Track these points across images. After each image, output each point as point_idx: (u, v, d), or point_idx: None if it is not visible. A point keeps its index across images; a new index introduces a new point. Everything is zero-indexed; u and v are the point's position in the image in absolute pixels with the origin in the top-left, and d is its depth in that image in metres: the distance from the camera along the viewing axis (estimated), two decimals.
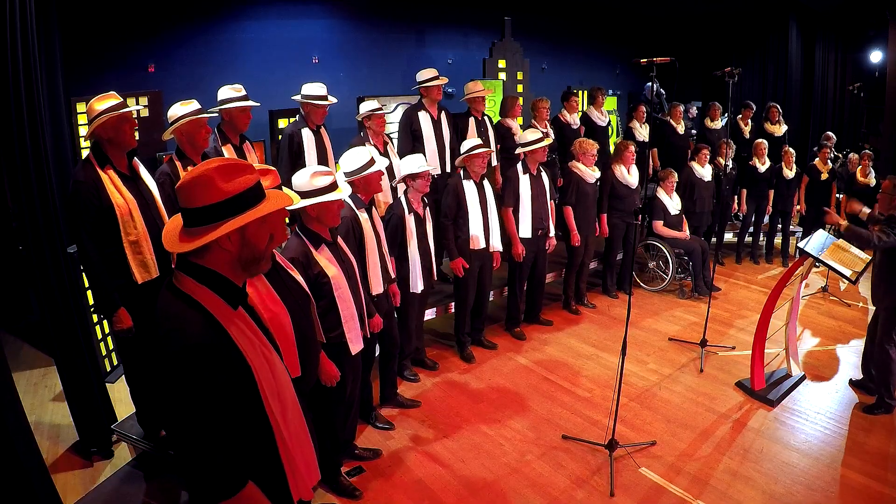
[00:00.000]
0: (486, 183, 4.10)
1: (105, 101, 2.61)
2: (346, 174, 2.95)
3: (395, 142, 4.62)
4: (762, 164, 6.11)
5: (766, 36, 8.83)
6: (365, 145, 3.73)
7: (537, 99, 5.40)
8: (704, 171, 5.72)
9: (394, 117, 5.38)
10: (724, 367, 4.19)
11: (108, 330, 3.99)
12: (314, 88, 3.91)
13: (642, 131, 6.24)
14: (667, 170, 5.50)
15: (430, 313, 4.43)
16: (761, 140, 6.17)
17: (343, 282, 2.57)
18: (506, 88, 6.55)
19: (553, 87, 7.26)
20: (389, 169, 3.89)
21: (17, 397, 2.32)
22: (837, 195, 6.39)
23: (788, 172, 6.11)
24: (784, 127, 6.79)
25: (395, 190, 4.11)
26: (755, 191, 6.18)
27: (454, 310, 4.44)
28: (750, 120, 6.82)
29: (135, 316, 2.74)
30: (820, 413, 3.61)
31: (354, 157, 2.95)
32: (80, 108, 4.23)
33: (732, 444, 3.31)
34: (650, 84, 3.84)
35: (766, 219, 6.44)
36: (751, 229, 6.53)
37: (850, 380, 3.94)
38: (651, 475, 3.05)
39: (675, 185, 5.49)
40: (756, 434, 3.40)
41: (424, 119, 4.52)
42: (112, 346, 4.07)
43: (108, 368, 4.02)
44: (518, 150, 4.41)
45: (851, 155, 6.70)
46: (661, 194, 5.47)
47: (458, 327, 4.34)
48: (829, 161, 6.18)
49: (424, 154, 4.07)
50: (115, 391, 3.61)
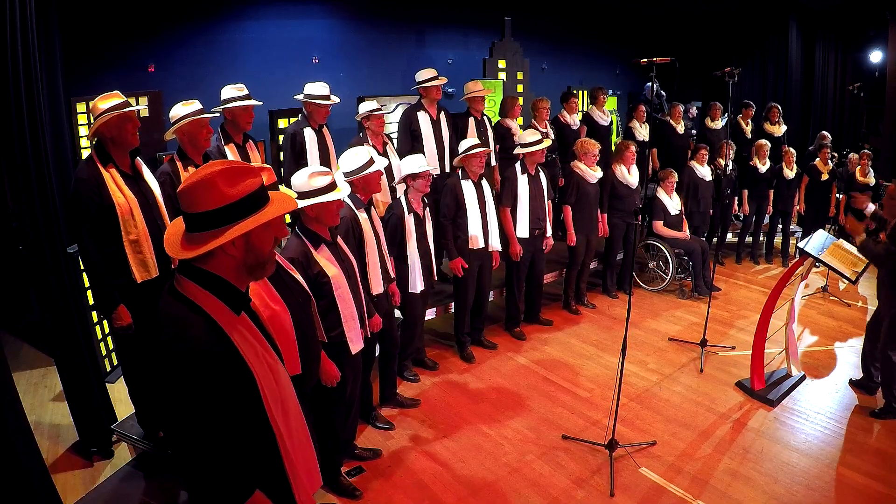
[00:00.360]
0: (484, 183, 4.10)
1: (109, 100, 2.62)
2: (346, 174, 2.95)
3: (394, 142, 4.63)
4: (763, 165, 6.11)
5: (766, 36, 8.83)
6: (364, 145, 3.74)
7: (537, 99, 5.40)
8: (705, 171, 5.73)
9: (394, 117, 5.39)
10: (724, 367, 4.19)
11: (108, 330, 3.98)
12: (316, 88, 3.92)
13: (642, 131, 6.24)
14: (667, 170, 5.50)
15: (430, 313, 4.43)
16: (763, 140, 6.17)
17: (343, 281, 2.57)
18: (506, 88, 6.55)
19: (553, 87, 7.27)
20: (388, 169, 3.89)
21: (17, 397, 2.32)
22: (837, 195, 6.40)
23: (789, 173, 6.11)
24: (783, 127, 6.80)
25: (394, 190, 4.11)
26: (756, 191, 6.18)
27: (454, 310, 4.44)
28: (750, 120, 6.82)
29: (134, 315, 2.74)
30: (820, 413, 3.62)
31: (354, 158, 2.95)
32: (80, 108, 4.23)
33: (732, 444, 3.31)
34: (650, 84, 3.84)
35: (767, 219, 6.43)
36: (751, 229, 6.53)
37: (850, 380, 3.94)
38: (651, 475, 3.05)
39: (676, 185, 5.49)
40: (756, 434, 3.40)
41: (424, 119, 4.52)
42: (112, 347, 4.07)
43: (108, 368, 4.02)
44: (516, 151, 4.42)
45: (851, 155, 6.70)
46: (661, 194, 5.47)
47: (457, 327, 4.34)
48: (829, 161, 6.18)
49: (424, 154, 4.07)
50: (115, 391, 3.60)
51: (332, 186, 2.42)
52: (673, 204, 5.49)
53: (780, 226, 6.47)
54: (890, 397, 3.50)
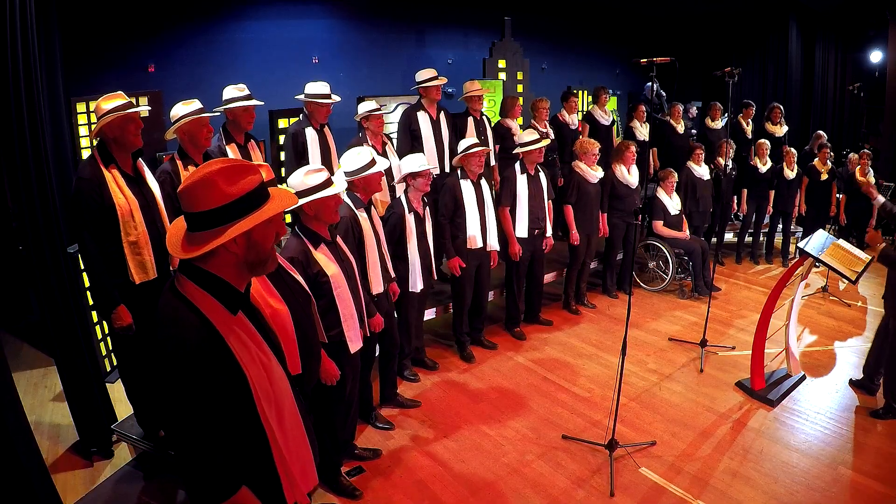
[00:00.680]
0: (483, 182, 4.10)
1: (112, 101, 2.62)
2: (347, 174, 2.96)
3: (394, 142, 4.63)
4: (763, 165, 6.11)
5: (766, 36, 8.83)
6: (363, 145, 3.74)
7: (537, 99, 5.40)
8: (702, 171, 5.73)
9: (394, 117, 5.39)
10: (724, 367, 4.19)
11: (108, 330, 3.98)
12: (317, 87, 3.92)
13: (643, 130, 6.24)
14: (667, 170, 5.50)
15: (430, 313, 4.43)
16: (763, 140, 6.17)
17: (342, 281, 2.57)
18: (506, 88, 6.55)
19: (553, 87, 7.27)
20: (388, 169, 3.89)
21: (17, 397, 2.32)
22: (837, 195, 6.40)
23: (789, 173, 6.11)
24: (785, 127, 6.79)
25: (393, 189, 4.11)
26: (756, 191, 6.18)
27: (452, 310, 4.44)
28: (751, 120, 6.82)
29: (133, 316, 2.74)
30: (820, 413, 3.61)
31: (355, 157, 2.96)
32: (80, 108, 4.23)
33: (732, 444, 3.31)
34: (650, 84, 3.84)
35: (767, 219, 6.43)
36: (751, 229, 6.53)
37: (851, 380, 3.94)
38: (651, 475, 3.05)
39: (675, 185, 5.49)
40: (756, 434, 3.40)
41: (423, 119, 4.53)
42: (112, 347, 4.07)
43: (108, 368, 4.02)
44: (515, 150, 4.42)
45: (851, 155, 6.70)
46: (661, 194, 5.47)
47: (456, 327, 4.34)
48: (828, 161, 6.19)
49: (423, 154, 4.07)
50: (115, 391, 3.60)
51: (327, 183, 2.44)
52: (673, 204, 5.49)
53: (780, 226, 6.47)
54: (890, 398, 3.50)
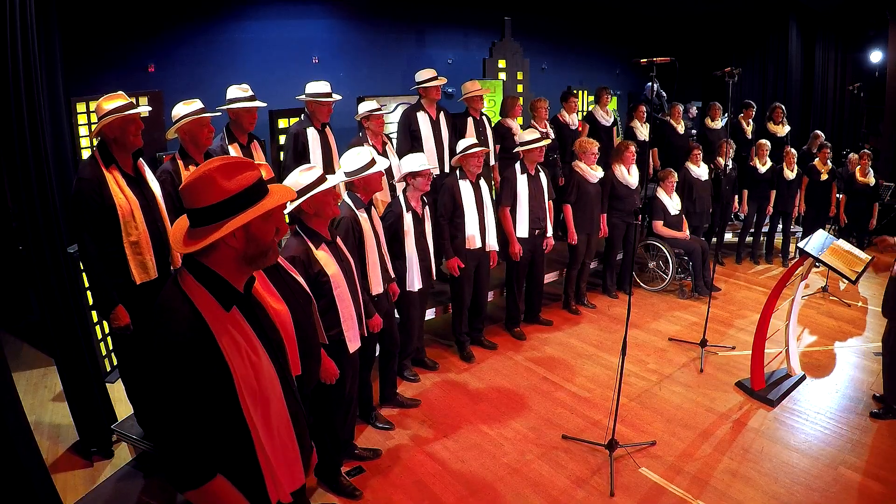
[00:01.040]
0: (482, 182, 4.10)
1: (113, 101, 2.62)
2: (347, 174, 2.96)
3: (394, 142, 4.63)
4: (763, 165, 6.10)
5: (766, 36, 8.83)
6: (364, 145, 3.74)
7: (536, 99, 5.40)
8: (700, 171, 5.73)
9: (394, 117, 5.39)
10: (724, 367, 4.19)
11: (108, 330, 3.99)
12: (318, 86, 3.93)
13: (643, 130, 6.24)
14: (667, 170, 5.50)
15: (430, 313, 4.43)
16: (764, 140, 6.17)
17: (342, 280, 2.58)
18: (506, 88, 6.55)
19: (553, 87, 7.27)
20: (388, 169, 3.89)
21: (17, 397, 2.32)
22: (837, 195, 6.40)
23: (789, 173, 6.11)
24: (787, 128, 6.79)
25: (394, 189, 4.12)
26: (756, 191, 6.18)
27: (451, 310, 4.44)
28: (752, 120, 6.82)
29: (133, 316, 2.74)
30: (820, 413, 3.61)
31: (355, 157, 2.96)
32: (80, 108, 4.23)
33: (732, 444, 3.31)
34: (650, 84, 3.84)
35: (767, 219, 6.43)
36: (751, 229, 6.53)
37: (874, 395, 3.73)
38: (651, 475, 3.05)
39: (675, 185, 5.49)
40: (756, 434, 3.40)
41: (423, 119, 4.53)
42: (112, 347, 4.07)
43: (108, 368, 4.02)
44: (516, 150, 4.42)
45: (851, 155, 6.70)
46: (661, 194, 5.47)
47: (455, 327, 4.34)
48: (828, 161, 6.19)
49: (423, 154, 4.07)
50: (115, 391, 3.60)
51: (322, 179, 2.45)
52: (673, 204, 5.49)
53: (780, 226, 6.47)
54: (891, 400, 3.49)
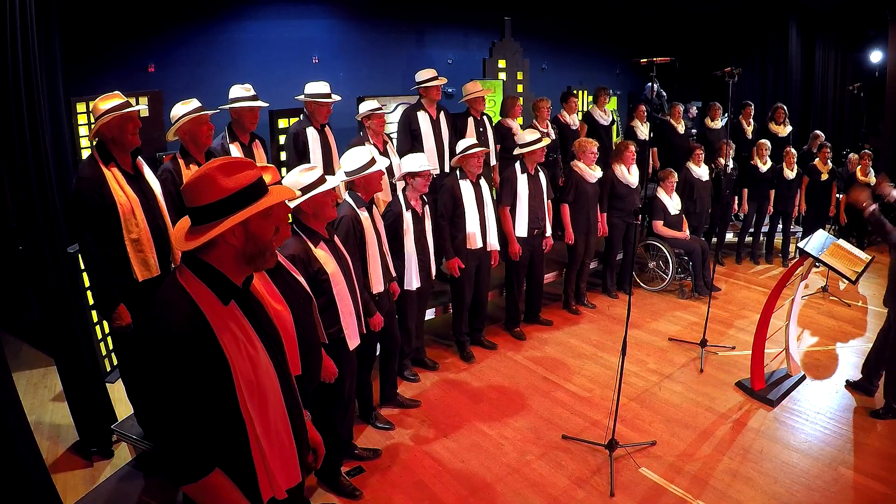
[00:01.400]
0: (482, 182, 4.11)
1: (109, 101, 2.63)
2: (347, 173, 2.96)
3: (394, 142, 4.63)
4: (763, 165, 6.11)
5: (766, 36, 8.83)
6: (365, 145, 3.74)
7: (539, 99, 5.40)
8: (701, 171, 5.73)
9: (394, 117, 5.39)
10: (724, 367, 4.19)
11: (108, 330, 3.98)
12: (317, 87, 3.93)
13: (643, 130, 6.24)
14: (667, 170, 5.50)
15: (430, 313, 4.43)
16: (764, 140, 6.17)
17: (341, 278, 2.59)
18: (506, 88, 6.55)
19: (553, 87, 7.27)
20: (389, 168, 3.90)
21: (17, 397, 2.32)
22: (837, 195, 6.40)
23: (789, 173, 6.11)
24: (789, 128, 6.79)
25: (394, 187, 4.12)
26: (756, 191, 6.18)
27: (452, 309, 4.44)
28: (752, 120, 6.82)
29: (135, 314, 2.74)
30: (820, 413, 3.61)
31: (356, 157, 2.97)
32: (80, 108, 4.23)
33: (732, 444, 3.31)
34: (651, 84, 3.84)
35: (767, 219, 6.43)
36: (751, 229, 6.53)
37: (847, 381, 3.93)
38: (651, 475, 3.05)
39: (675, 184, 5.49)
40: (756, 434, 3.40)
41: (423, 119, 4.53)
42: (112, 346, 4.07)
43: (108, 368, 4.02)
44: (516, 152, 4.41)
45: (851, 155, 6.70)
46: (661, 194, 5.47)
47: (455, 327, 4.34)
48: (828, 161, 6.19)
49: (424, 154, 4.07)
50: (115, 391, 3.60)
51: (322, 180, 2.46)
52: (673, 204, 5.49)
53: (780, 226, 6.47)
54: (891, 398, 3.50)
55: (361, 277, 2.98)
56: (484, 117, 4.96)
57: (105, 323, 3.96)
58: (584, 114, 6.28)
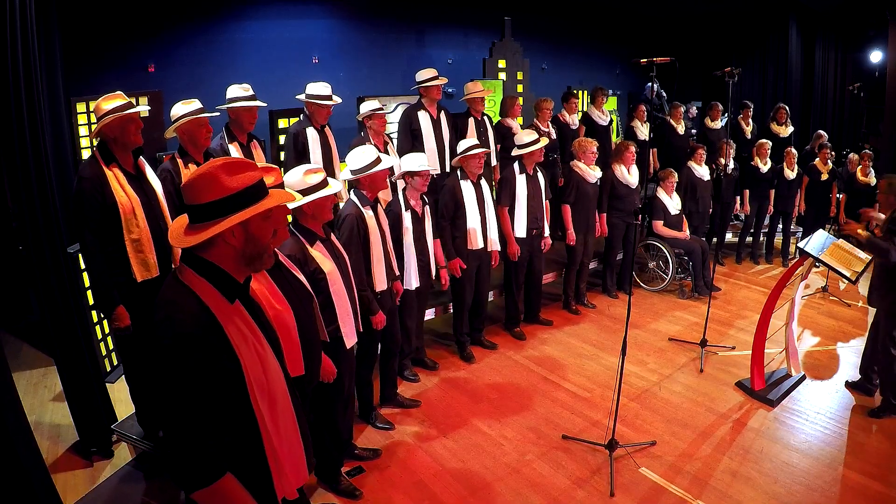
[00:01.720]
0: (483, 183, 4.10)
1: (112, 101, 2.63)
2: (353, 172, 2.97)
3: (394, 142, 4.63)
4: (764, 165, 6.11)
5: (766, 36, 8.83)
6: (366, 144, 3.74)
7: (541, 99, 5.40)
8: (703, 171, 5.73)
9: (394, 117, 5.39)
10: (724, 367, 4.19)
11: (108, 330, 3.99)
12: (318, 88, 3.92)
13: (644, 130, 6.24)
14: (667, 170, 5.50)
15: (430, 313, 4.43)
16: (764, 140, 6.17)
17: (338, 277, 2.58)
18: (506, 88, 6.55)
19: (553, 87, 7.27)
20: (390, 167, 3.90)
21: (17, 397, 2.32)
22: (837, 195, 6.40)
23: (790, 173, 6.11)
24: (791, 128, 6.79)
25: (394, 187, 4.12)
26: (757, 191, 6.18)
27: (452, 310, 4.44)
28: (751, 119, 6.82)
29: (134, 314, 2.74)
30: (820, 413, 3.61)
31: (361, 156, 2.97)
32: (80, 108, 4.23)
33: (732, 444, 3.31)
34: (651, 84, 3.84)
35: (767, 219, 6.43)
36: (751, 229, 6.53)
37: (847, 381, 3.93)
38: (651, 475, 3.05)
39: (676, 185, 5.49)
40: (756, 434, 3.40)
41: (424, 119, 4.53)
42: (112, 346, 4.07)
43: (108, 368, 4.02)
44: (514, 153, 4.41)
45: (851, 155, 6.70)
46: (661, 194, 5.47)
47: (455, 327, 4.34)
48: (829, 161, 6.19)
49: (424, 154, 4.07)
50: (115, 391, 3.60)
51: (325, 182, 2.46)
52: (673, 204, 5.49)
53: (780, 226, 6.47)
54: (888, 394, 3.50)
55: (364, 275, 2.98)
56: (484, 117, 4.96)
57: (105, 323, 3.96)
58: (583, 115, 6.27)
